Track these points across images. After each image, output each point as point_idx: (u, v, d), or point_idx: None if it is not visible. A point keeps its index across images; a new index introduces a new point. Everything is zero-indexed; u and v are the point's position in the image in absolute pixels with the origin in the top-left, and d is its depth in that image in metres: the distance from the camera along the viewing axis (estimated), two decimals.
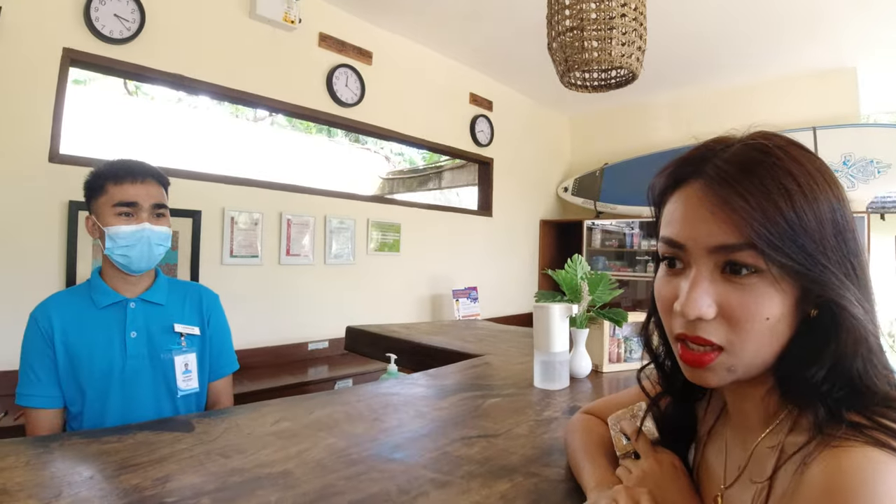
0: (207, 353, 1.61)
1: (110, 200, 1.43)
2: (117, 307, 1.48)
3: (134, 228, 1.42)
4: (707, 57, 4.53)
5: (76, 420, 1.44)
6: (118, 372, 1.43)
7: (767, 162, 0.58)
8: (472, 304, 4.49)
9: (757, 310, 0.57)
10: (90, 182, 1.47)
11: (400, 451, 0.96)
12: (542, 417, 1.19)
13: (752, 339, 0.57)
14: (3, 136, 2.42)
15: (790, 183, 0.56)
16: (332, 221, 3.78)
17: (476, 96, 5.06)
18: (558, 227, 6.23)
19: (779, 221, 0.55)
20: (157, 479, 0.82)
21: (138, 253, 1.44)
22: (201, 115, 6.36)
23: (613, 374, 1.65)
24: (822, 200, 0.56)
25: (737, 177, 0.58)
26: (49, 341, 1.40)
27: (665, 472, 0.72)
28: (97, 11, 2.67)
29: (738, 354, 0.58)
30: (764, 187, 0.56)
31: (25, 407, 1.39)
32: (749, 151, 0.59)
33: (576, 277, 1.55)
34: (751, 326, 0.57)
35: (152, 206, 1.47)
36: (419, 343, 2.09)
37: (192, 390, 1.53)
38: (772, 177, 0.57)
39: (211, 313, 1.64)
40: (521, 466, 0.91)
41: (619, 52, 1.79)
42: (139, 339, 1.47)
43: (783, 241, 0.55)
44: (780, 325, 0.57)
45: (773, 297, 0.57)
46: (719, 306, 0.58)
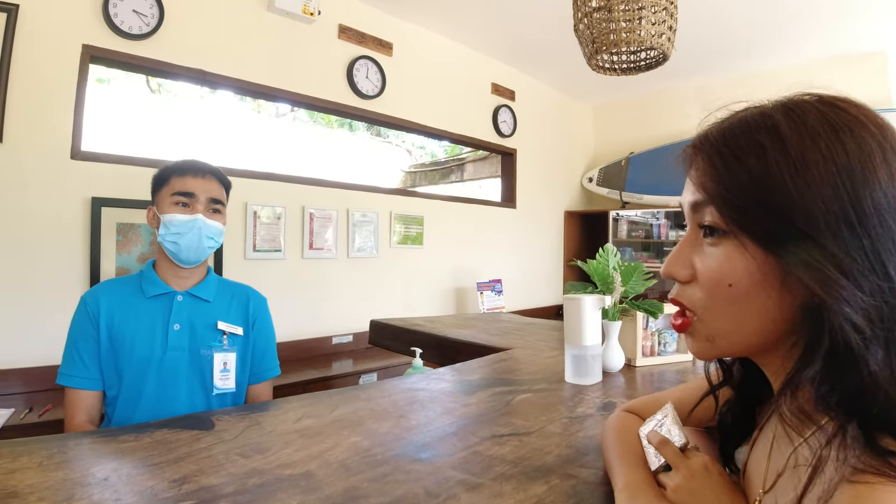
0: (249, 354, 1.63)
1: (171, 190, 1.50)
2: (164, 298, 1.52)
3: (188, 218, 1.48)
4: (734, 41, 4.39)
5: (111, 405, 1.47)
6: (157, 361, 1.46)
7: (752, 118, 0.54)
8: (496, 297, 4.44)
9: (718, 275, 0.54)
10: (157, 176, 1.55)
11: (427, 451, 0.92)
12: (575, 414, 1.14)
13: (718, 307, 0.55)
14: (24, 133, 2.43)
15: (769, 139, 0.51)
16: (354, 215, 3.76)
17: (498, 86, 4.99)
18: (583, 218, 6.14)
19: (740, 177, 0.51)
20: (173, 480, 0.79)
21: (188, 242, 1.48)
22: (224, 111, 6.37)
23: (647, 368, 1.59)
24: (826, 163, 0.48)
25: (712, 134, 0.56)
26: (95, 324, 1.44)
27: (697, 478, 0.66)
28: (115, 7, 2.66)
29: (709, 323, 0.56)
30: (733, 143, 0.53)
31: (66, 387, 1.43)
32: (747, 110, 0.56)
33: (607, 268, 1.49)
34: (714, 292, 0.55)
35: (209, 200, 1.53)
36: (444, 336, 2.04)
37: (228, 390, 1.54)
38: (748, 132, 0.53)
39: (257, 316, 1.66)
40: (556, 467, 0.85)
41: (650, 31, 1.71)
42: (181, 332, 1.50)
43: (743, 199, 0.51)
44: (755, 298, 0.52)
45: (737, 263, 0.52)
46: (696, 269, 0.57)
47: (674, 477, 0.68)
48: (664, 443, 0.72)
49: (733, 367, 0.68)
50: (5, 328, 2.37)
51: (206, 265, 1.61)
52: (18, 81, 2.41)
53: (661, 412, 0.78)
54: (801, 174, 0.48)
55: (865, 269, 0.46)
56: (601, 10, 1.72)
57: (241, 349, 1.59)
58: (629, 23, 1.70)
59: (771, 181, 0.50)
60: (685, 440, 0.71)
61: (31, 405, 2.19)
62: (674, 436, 0.72)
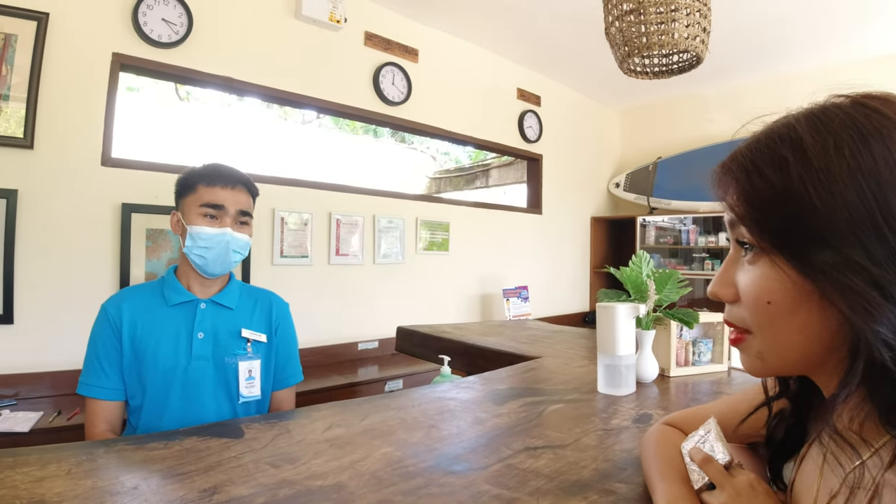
0: (273, 361, 1.60)
1: (198, 200, 1.46)
2: (188, 306, 1.49)
3: (216, 231, 1.45)
4: (765, 43, 4.30)
5: (135, 414, 1.44)
6: (181, 371, 1.43)
7: (776, 131, 0.52)
8: (522, 304, 4.40)
9: (756, 292, 0.53)
10: (183, 180, 1.50)
11: (460, 464, 0.90)
12: (610, 426, 1.10)
13: (763, 324, 0.54)
14: (56, 140, 2.47)
15: (792, 152, 0.49)
16: (380, 221, 3.76)
17: (524, 91, 4.96)
18: (610, 224, 6.07)
19: (765, 193, 0.50)
20: (204, 490, 0.78)
21: (215, 256, 1.45)
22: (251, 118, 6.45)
23: (681, 379, 1.54)
24: (851, 172, 0.46)
25: (740, 151, 0.55)
26: (117, 333, 1.42)
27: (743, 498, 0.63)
28: (145, 16, 2.70)
29: (759, 339, 0.55)
30: (759, 158, 0.52)
31: (86, 396, 1.40)
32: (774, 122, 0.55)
33: (641, 275, 1.45)
34: (756, 310, 0.54)
35: (238, 213, 1.49)
36: (472, 344, 2.02)
37: (253, 397, 1.52)
38: (772, 147, 0.51)
39: (280, 322, 1.64)
40: (594, 482, 0.82)
41: (683, 34, 1.68)
42: (206, 341, 1.47)
43: (769, 216, 0.50)
44: (796, 314, 0.50)
45: (772, 280, 0.51)
46: (737, 288, 0.57)
47: (718, 496, 0.66)
48: (708, 460, 0.69)
49: (790, 379, 0.66)
50: (36, 332, 2.41)
51: (228, 272, 1.59)
52: (49, 89, 2.45)
53: (704, 427, 0.75)
54: (826, 186, 0.47)
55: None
56: (633, 13, 1.68)
57: (265, 356, 1.56)
58: (662, 25, 1.66)
59: (795, 195, 0.48)
60: (730, 457, 0.68)
61: (59, 408, 2.22)
62: (717, 453, 0.69)
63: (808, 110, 0.53)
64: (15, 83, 2.35)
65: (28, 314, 2.40)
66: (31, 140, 2.38)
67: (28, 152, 2.39)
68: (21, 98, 2.36)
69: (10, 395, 2.32)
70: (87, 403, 1.41)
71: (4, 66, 2.33)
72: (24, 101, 2.37)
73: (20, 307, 2.38)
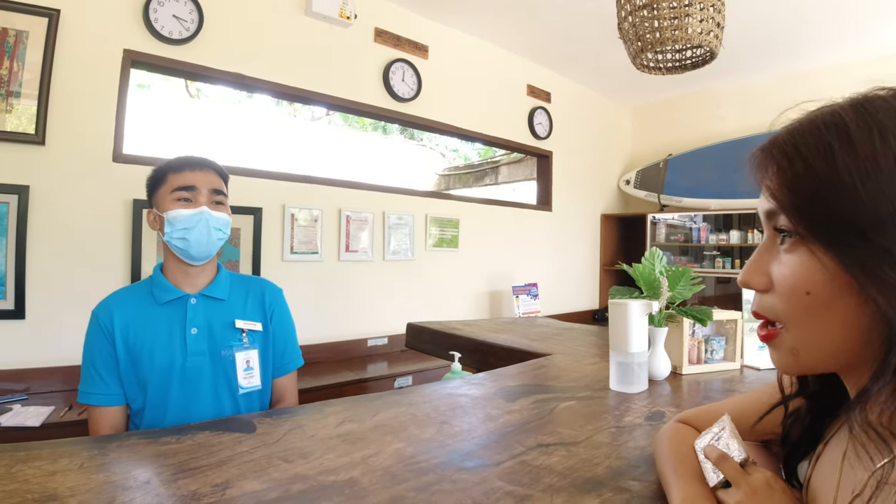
0: (271, 349, 1.57)
1: (170, 187, 1.44)
2: (178, 303, 1.46)
3: (192, 212, 1.42)
4: (779, 40, 4.26)
5: (137, 416, 1.43)
6: (179, 369, 1.41)
7: (821, 118, 0.51)
8: (532, 301, 4.39)
9: (794, 282, 0.51)
10: (152, 177, 1.48)
11: (472, 460, 0.89)
12: (622, 424, 1.10)
13: (798, 317, 0.52)
14: (67, 136, 2.49)
15: (838, 140, 0.48)
16: (390, 217, 3.76)
17: (534, 88, 4.95)
18: (620, 222, 6.04)
19: (808, 180, 0.49)
20: (216, 485, 0.78)
21: (196, 236, 1.42)
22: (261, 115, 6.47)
23: (693, 377, 1.53)
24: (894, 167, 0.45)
25: (780, 138, 0.53)
26: (110, 339, 1.39)
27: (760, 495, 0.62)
28: (156, 13, 2.71)
29: (793, 333, 0.53)
30: (802, 145, 0.50)
31: (87, 405, 1.39)
32: (818, 109, 0.53)
33: (654, 272, 1.44)
34: (792, 301, 0.52)
35: (211, 192, 1.47)
36: (483, 341, 2.01)
37: (253, 388, 1.49)
38: (816, 133, 0.50)
39: (274, 308, 1.60)
40: (607, 480, 0.82)
41: (697, 29, 1.66)
42: (200, 336, 1.45)
43: (811, 204, 0.49)
44: (835, 307, 0.49)
45: (812, 270, 0.50)
46: (773, 277, 0.55)
47: (734, 494, 0.65)
48: (723, 458, 0.68)
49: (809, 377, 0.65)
50: (47, 327, 2.44)
51: (215, 262, 1.55)
52: (61, 86, 2.47)
53: (718, 425, 0.74)
54: (872, 176, 0.46)
55: None
56: (646, 8, 1.67)
57: (262, 345, 1.53)
58: (675, 20, 1.65)
59: (840, 184, 0.47)
60: (745, 455, 0.67)
61: (70, 403, 2.23)
62: (733, 450, 0.69)
63: (853, 99, 0.52)
64: (26, 80, 2.37)
65: (39, 309, 2.42)
66: (42, 136, 2.40)
67: (39, 148, 2.41)
68: (32, 95, 2.38)
69: (22, 389, 2.35)
70: (90, 411, 1.40)
71: (16, 63, 2.35)
72: (35, 98, 2.38)
73: (32, 302, 2.41)
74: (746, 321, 1.61)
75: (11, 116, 2.33)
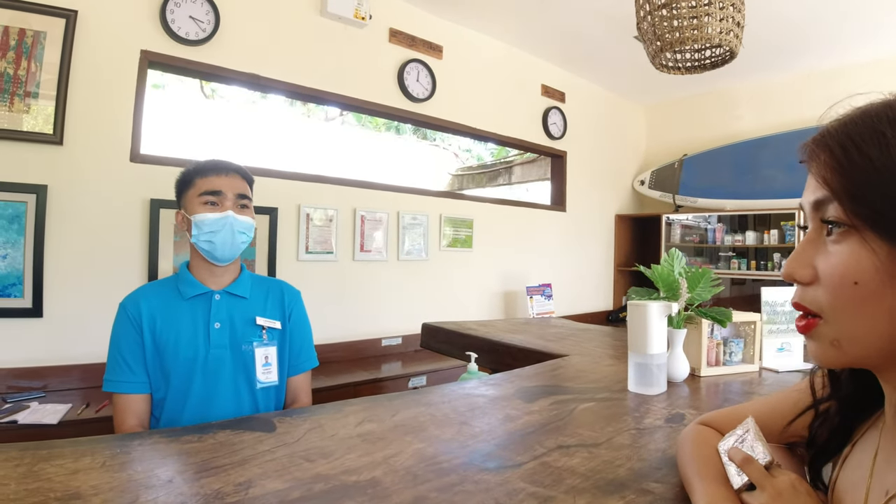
0: (287, 347, 1.64)
1: (197, 191, 1.50)
2: (203, 298, 1.53)
3: (218, 216, 1.49)
4: (795, 38, 4.21)
5: (158, 406, 1.48)
6: (202, 361, 1.47)
7: (874, 109, 0.51)
8: (546, 302, 4.37)
9: (843, 272, 0.51)
10: (180, 179, 1.56)
11: (493, 460, 0.89)
12: (643, 426, 1.09)
13: (845, 308, 0.51)
14: (86, 136, 2.52)
15: (892, 128, 0.48)
16: (404, 217, 3.76)
17: (548, 88, 4.93)
18: (635, 222, 6.01)
19: (862, 168, 0.49)
20: (239, 483, 0.78)
21: (222, 239, 1.49)
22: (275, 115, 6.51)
23: (712, 379, 1.52)
24: None
25: (833, 128, 0.53)
26: (138, 329, 1.45)
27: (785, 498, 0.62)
28: (172, 14, 2.74)
29: (835, 325, 0.53)
30: (855, 134, 0.50)
31: (113, 392, 1.44)
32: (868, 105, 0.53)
33: (673, 273, 1.43)
34: (839, 292, 0.51)
35: (236, 196, 1.53)
36: (499, 341, 2.01)
37: (271, 383, 1.56)
38: (869, 124, 0.50)
39: (292, 309, 1.67)
40: (630, 482, 0.81)
41: (717, 28, 1.65)
42: (222, 330, 1.51)
43: (866, 190, 0.49)
44: (885, 297, 0.49)
45: (862, 259, 0.49)
46: (818, 269, 0.54)
47: (759, 497, 0.64)
48: (748, 460, 0.68)
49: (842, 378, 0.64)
50: (65, 325, 2.46)
51: (238, 263, 1.63)
52: (79, 86, 2.50)
53: (742, 427, 0.74)
54: None
55: None
56: (665, 7, 1.66)
57: (280, 343, 1.61)
58: (695, 20, 1.63)
59: (894, 172, 0.47)
60: (770, 458, 0.67)
61: (88, 401, 2.26)
62: (757, 453, 0.68)
63: None
64: (44, 80, 2.40)
65: (57, 308, 2.45)
66: (60, 136, 2.42)
67: (57, 148, 2.44)
68: (50, 95, 2.41)
69: (39, 387, 2.37)
70: (115, 400, 1.44)
71: (34, 64, 2.38)
72: (53, 98, 2.41)
73: (49, 301, 2.43)
74: (765, 323, 1.60)
75: (29, 117, 2.36)
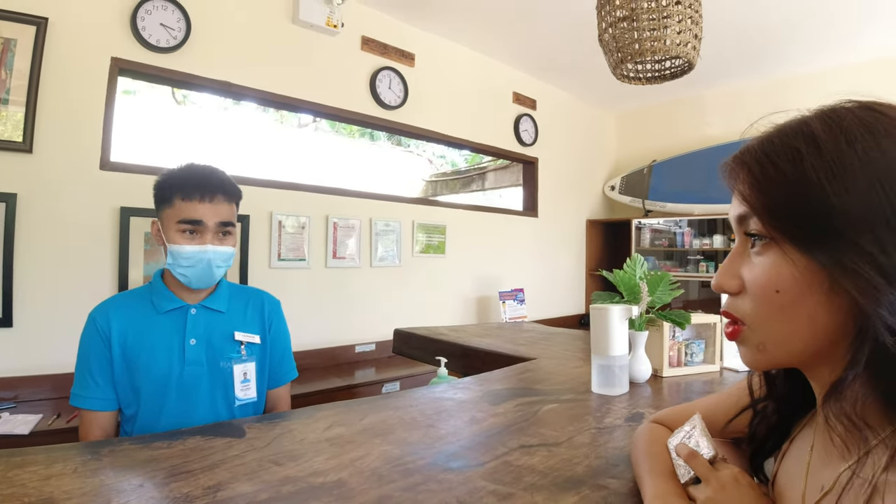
0: (268, 360, 1.59)
1: (176, 216, 1.39)
2: (178, 313, 1.46)
3: (196, 249, 1.39)
4: (762, 46, 4.33)
5: (130, 422, 1.43)
6: (176, 378, 1.41)
7: (790, 126, 0.54)
8: (518, 306, 4.42)
9: (765, 281, 0.54)
10: (160, 189, 1.44)
11: (457, 460, 0.92)
12: (603, 425, 1.13)
13: (768, 315, 0.55)
14: (55, 144, 2.49)
15: (805, 144, 0.51)
16: (377, 224, 3.78)
17: (519, 95, 5.00)
18: (606, 227, 6.10)
19: (778, 184, 0.52)
20: (208, 487, 0.80)
21: (198, 273, 1.42)
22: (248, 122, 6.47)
23: (674, 379, 1.57)
24: (863, 165, 0.48)
25: (751, 146, 0.57)
26: (107, 342, 1.39)
27: (728, 491, 0.65)
28: (143, 21, 2.72)
29: (760, 330, 0.57)
30: (772, 151, 0.54)
31: (80, 408, 1.38)
32: (785, 122, 0.56)
33: (634, 277, 1.48)
34: (763, 300, 0.55)
35: (217, 225, 1.43)
36: (469, 346, 2.04)
37: (249, 399, 1.51)
38: (785, 141, 0.53)
39: (273, 320, 1.62)
40: (587, 478, 0.85)
41: (675, 40, 1.71)
42: (198, 347, 1.45)
43: (781, 205, 0.52)
44: (804, 304, 0.52)
45: (782, 270, 0.53)
46: (744, 280, 0.58)
47: (704, 490, 0.68)
48: (693, 455, 0.72)
49: (777, 379, 0.68)
50: (36, 335, 2.43)
51: None
52: (48, 93, 2.47)
53: (690, 423, 0.78)
54: (838, 177, 0.49)
55: None
56: (626, 20, 1.72)
57: (259, 357, 1.54)
58: (654, 32, 1.69)
59: (808, 186, 0.50)
60: (714, 452, 0.71)
61: (58, 411, 2.22)
62: (702, 448, 0.72)
63: (820, 109, 0.55)
64: (14, 87, 2.37)
65: (27, 317, 2.42)
66: (30, 144, 2.39)
67: (27, 156, 2.41)
68: (20, 102, 2.38)
69: (10, 397, 2.33)
70: (82, 415, 1.39)
71: (4, 71, 2.35)
72: (23, 105, 2.38)
73: (19, 310, 2.40)
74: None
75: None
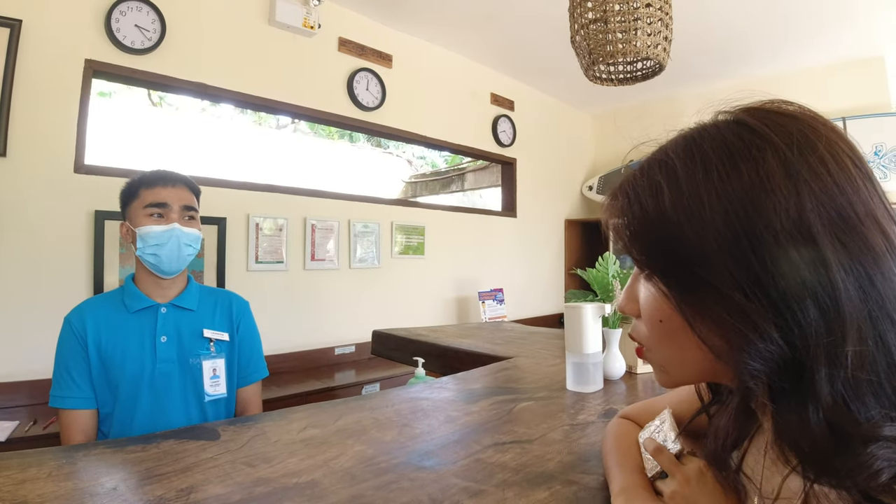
0: (236, 359, 1.63)
1: (142, 203, 1.49)
2: (149, 312, 1.51)
3: (164, 228, 1.47)
4: (735, 47, 4.41)
5: (106, 422, 1.46)
6: (148, 375, 1.46)
7: (655, 156, 0.54)
8: (498, 306, 4.45)
9: (649, 312, 0.55)
10: (125, 190, 1.54)
11: (430, 459, 0.93)
12: (576, 422, 1.15)
13: (658, 342, 0.56)
14: (28, 147, 2.45)
15: (666, 177, 0.50)
16: (356, 226, 3.77)
17: (497, 96, 5.02)
18: (584, 227, 6.15)
19: (641, 220, 0.52)
20: (181, 489, 0.80)
21: (168, 252, 1.48)
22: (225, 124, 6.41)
23: (648, 376, 1.59)
24: (719, 199, 0.46)
25: (625, 178, 0.56)
26: (83, 343, 1.43)
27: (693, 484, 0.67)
28: (118, 23, 2.69)
29: (656, 353, 0.57)
30: (638, 185, 0.53)
31: (60, 409, 1.42)
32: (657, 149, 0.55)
33: (607, 276, 1.50)
34: (651, 328, 0.56)
35: (182, 208, 1.52)
36: (447, 346, 2.05)
37: (219, 395, 1.55)
38: (649, 172, 0.52)
39: (241, 320, 1.67)
40: (558, 474, 0.86)
41: (645, 42, 1.74)
42: (169, 344, 1.50)
43: (644, 242, 0.52)
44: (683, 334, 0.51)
45: (661, 301, 0.52)
46: (639, 304, 0.57)
47: (670, 484, 0.70)
48: (659, 450, 0.73)
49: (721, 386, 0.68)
50: (10, 341, 2.39)
51: (185, 275, 1.62)
52: (22, 96, 2.43)
53: (659, 418, 0.80)
54: (696, 212, 0.47)
55: (768, 315, 0.44)
56: (597, 22, 1.74)
57: (228, 354, 1.60)
58: (625, 34, 1.72)
59: (668, 223, 0.49)
60: (680, 447, 0.72)
61: (35, 418, 2.20)
62: (669, 442, 0.74)
63: (686, 133, 0.54)
64: None
65: (2, 323, 2.38)
66: (3, 147, 2.36)
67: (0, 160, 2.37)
68: None
69: None
70: (62, 416, 1.42)
71: None
72: None
73: None
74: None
75: None
